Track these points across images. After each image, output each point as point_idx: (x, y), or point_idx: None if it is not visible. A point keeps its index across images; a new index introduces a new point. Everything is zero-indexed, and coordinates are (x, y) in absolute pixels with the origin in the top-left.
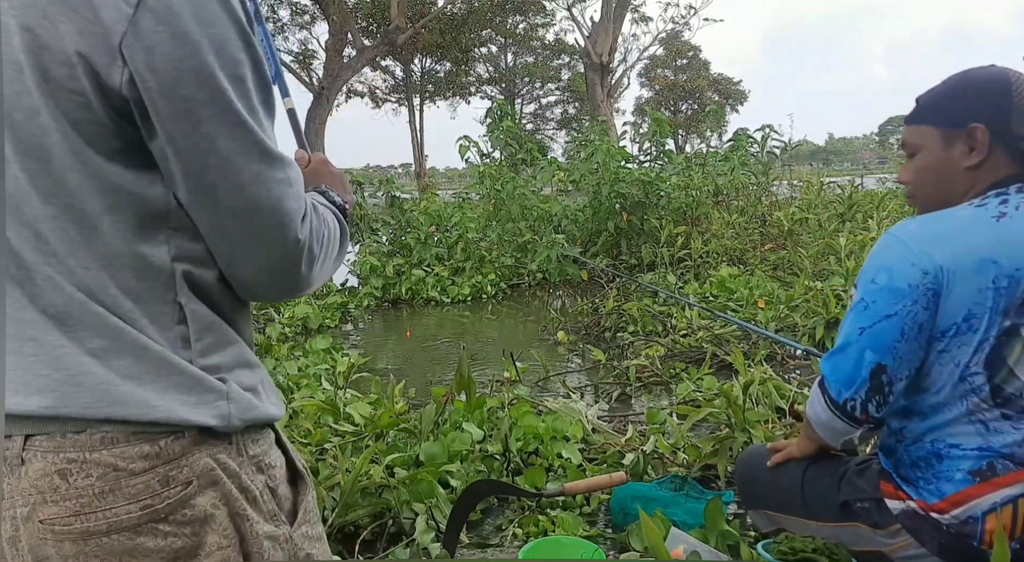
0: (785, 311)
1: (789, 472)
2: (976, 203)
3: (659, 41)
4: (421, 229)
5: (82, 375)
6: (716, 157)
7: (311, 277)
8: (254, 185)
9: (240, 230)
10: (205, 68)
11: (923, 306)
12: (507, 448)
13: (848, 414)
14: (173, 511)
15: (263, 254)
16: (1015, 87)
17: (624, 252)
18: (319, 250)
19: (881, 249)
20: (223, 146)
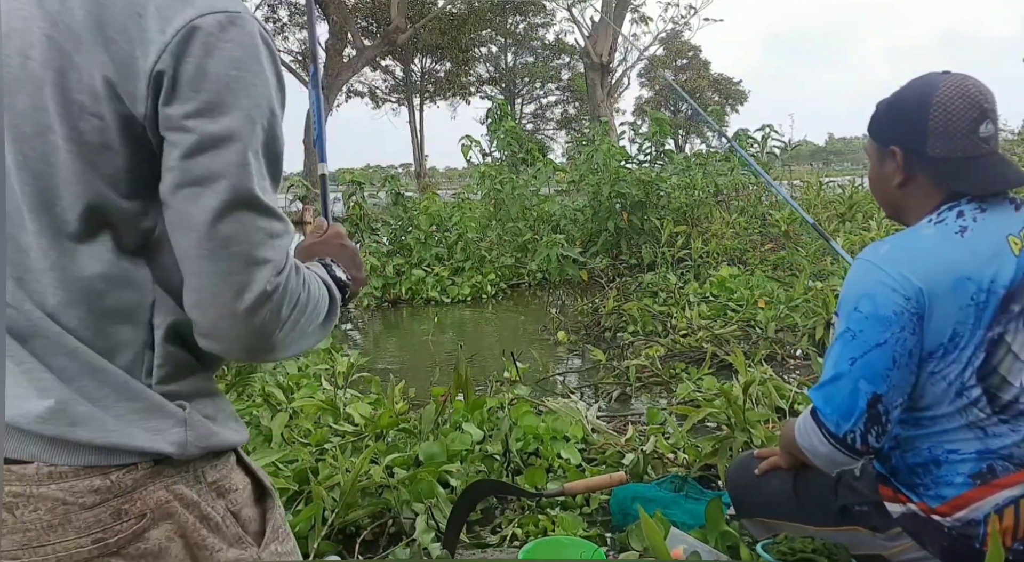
0: (785, 311)
1: (781, 478)
2: (935, 220)
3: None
4: (421, 229)
5: (42, 391)
6: (716, 157)
7: (275, 338)
8: (234, 223)
9: (208, 265)
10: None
11: (910, 331)
12: (507, 448)
13: (848, 447)
14: (126, 545)
15: (226, 297)
16: (935, 108)
17: (624, 252)
18: (288, 312)
19: (859, 275)
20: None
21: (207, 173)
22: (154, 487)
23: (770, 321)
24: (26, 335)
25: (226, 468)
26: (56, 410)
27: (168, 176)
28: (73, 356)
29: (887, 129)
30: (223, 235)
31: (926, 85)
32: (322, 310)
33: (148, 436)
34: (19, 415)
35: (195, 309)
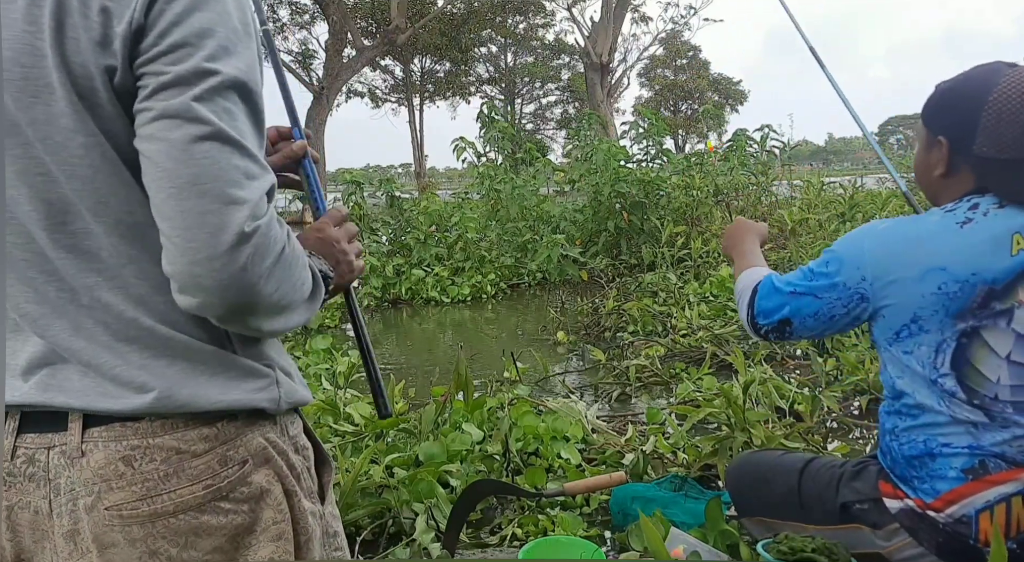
0: None
1: (783, 477)
2: (948, 208)
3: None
4: (421, 229)
5: (140, 389)
6: (715, 156)
7: (259, 290)
8: (205, 159)
9: (178, 205)
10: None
11: (843, 304)
12: (507, 448)
13: (756, 329)
14: (233, 489)
15: (200, 239)
16: (990, 105)
17: (624, 252)
18: (272, 261)
19: (851, 237)
20: (184, 122)
21: (171, 109)
22: (252, 435)
23: None
24: (122, 335)
25: (299, 427)
26: (159, 400)
27: (137, 119)
28: (167, 344)
29: (938, 117)
30: (193, 171)
31: (987, 78)
32: (307, 279)
33: (248, 395)
34: (126, 412)
35: (170, 260)
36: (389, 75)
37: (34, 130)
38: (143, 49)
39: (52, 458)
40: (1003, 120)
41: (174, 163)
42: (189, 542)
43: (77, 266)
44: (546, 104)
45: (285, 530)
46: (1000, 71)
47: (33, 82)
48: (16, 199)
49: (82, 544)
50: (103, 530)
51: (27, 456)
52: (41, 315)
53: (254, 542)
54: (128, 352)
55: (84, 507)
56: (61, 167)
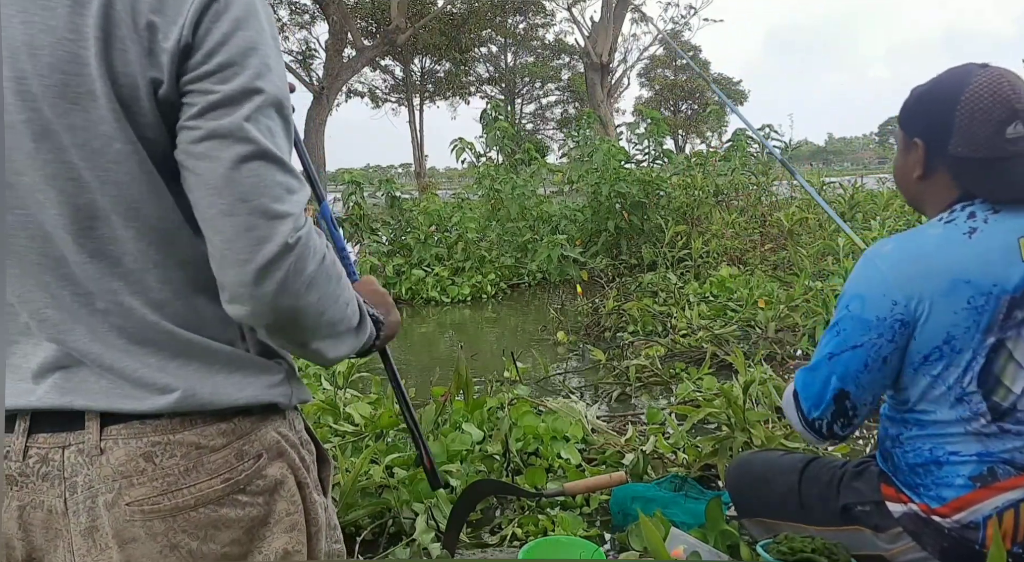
0: (785, 311)
1: (784, 477)
2: (945, 218)
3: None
4: (421, 229)
5: (163, 390)
6: (715, 156)
7: (303, 301)
8: (252, 177)
9: (228, 221)
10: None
11: (888, 339)
12: (507, 448)
13: (816, 431)
14: (249, 482)
15: (248, 252)
16: (962, 105)
17: (624, 252)
18: (313, 268)
19: (859, 273)
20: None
21: (222, 129)
22: (266, 429)
23: (770, 321)
24: (139, 338)
25: (302, 423)
26: (183, 399)
27: (183, 135)
28: (186, 346)
29: (914, 120)
30: (242, 189)
31: (959, 79)
32: (351, 300)
33: (264, 390)
34: (150, 412)
35: (220, 271)
36: (389, 75)
37: (71, 136)
38: (191, 66)
39: (68, 457)
40: (976, 119)
41: (224, 181)
42: (208, 535)
43: (99, 271)
44: (546, 104)
45: (298, 521)
46: (972, 72)
47: (74, 89)
48: (42, 203)
49: (101, 541)
50: (124, 525)
51: (40, 456)
52: (60, 320)
53: (268, 534)
54: (146, 355)
55: (104, 504)
56: (95, 172)
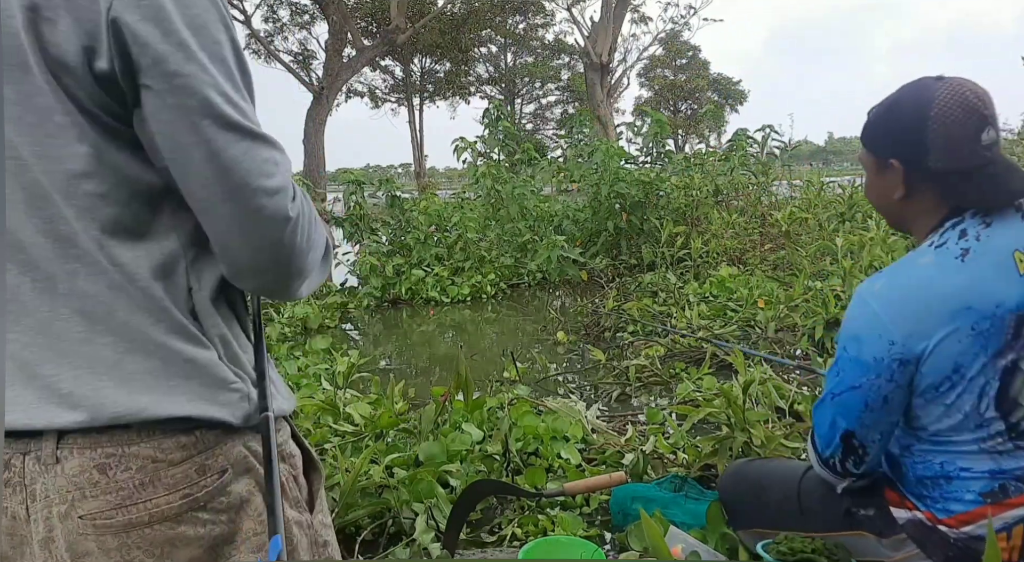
0: (785, 311)
1: (781, 484)
2: (936, 242)
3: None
4: (421, 229)
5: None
6: (714, 156)
7: (304, 264)
8: (246, 162)
9: (230, 207)
10: (187, 48)
11: (887, 378)
12: (507, 448)
13: (831, 469)
14: (211, 499)
15: (255, 231)
16: (933, 120)
17: (624, 252)
18: (310, 234)
19: (853, 312)
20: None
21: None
22: (233, 443)
23: (770, 321)
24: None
25: (285, 434)
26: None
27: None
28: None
29: (884, 142)
30: (239, 175)
31: (921, 94)
32: (325, 242)
33: (217, 408)
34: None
35: (231, 254)
36: (389, 75)
37: (9, 109)
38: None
39: (28, 463)
40: (951, 132)
41: (218, 172)
42: (165, 553)
43: (55, 252)
44: (546, 104)
45: (265, 542)
46: (931, 86)
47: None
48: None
49: (56, 552)
50: (76, 539)
51: (4, 461)
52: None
53: (233, 553)
54: (104, 342)
55: (58, 515)
56: (33, 148)
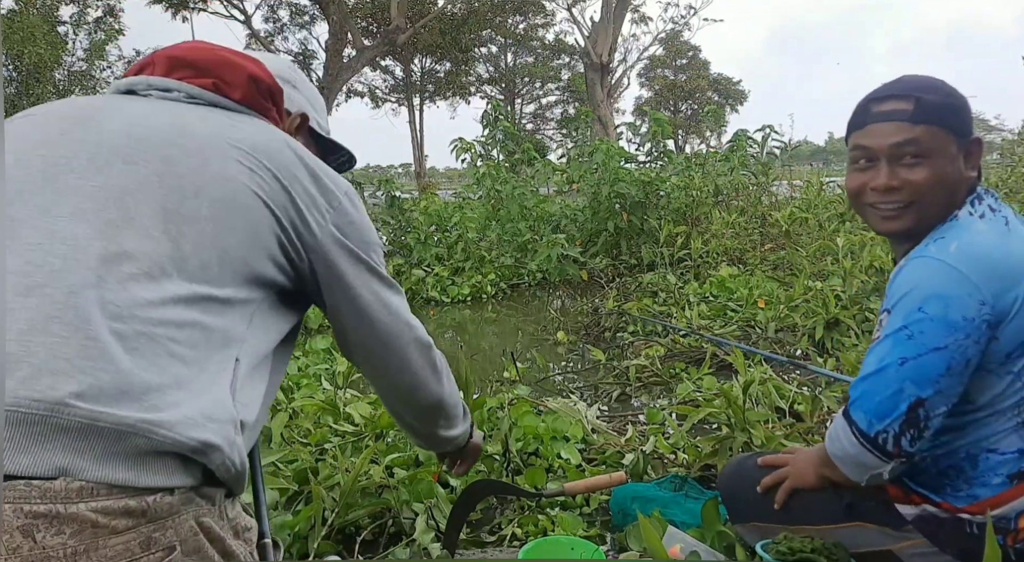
0: (785, 311)
1: None
2: (974, 213)
3: (659, 41)
4: (421, 229)
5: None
6: (715, 157)
7: (441, 384)
8: (390, 305)
9: (385, 337)
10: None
11: (975, 340)
12: (507, 448)
13: (879, 447)
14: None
15: (404, 351)
16: (963, 98)
17: (624, 252)
18: (443, 367)
19: (928, 274)
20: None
21: (378, 288)
22: (185, 516)
23: (770, 321)
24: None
25: (238, 506)
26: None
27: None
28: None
29: (966, 117)
30: (402, 321)
31: (938, 80)
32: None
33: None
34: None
35: (399, 386)
36: (389, 75)
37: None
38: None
39: None
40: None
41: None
42: None
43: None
44: (546, 104)
45: None
46: (923, 77)
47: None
48: None
49: None
50: None
51: None
52: None
53: None
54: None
55: None
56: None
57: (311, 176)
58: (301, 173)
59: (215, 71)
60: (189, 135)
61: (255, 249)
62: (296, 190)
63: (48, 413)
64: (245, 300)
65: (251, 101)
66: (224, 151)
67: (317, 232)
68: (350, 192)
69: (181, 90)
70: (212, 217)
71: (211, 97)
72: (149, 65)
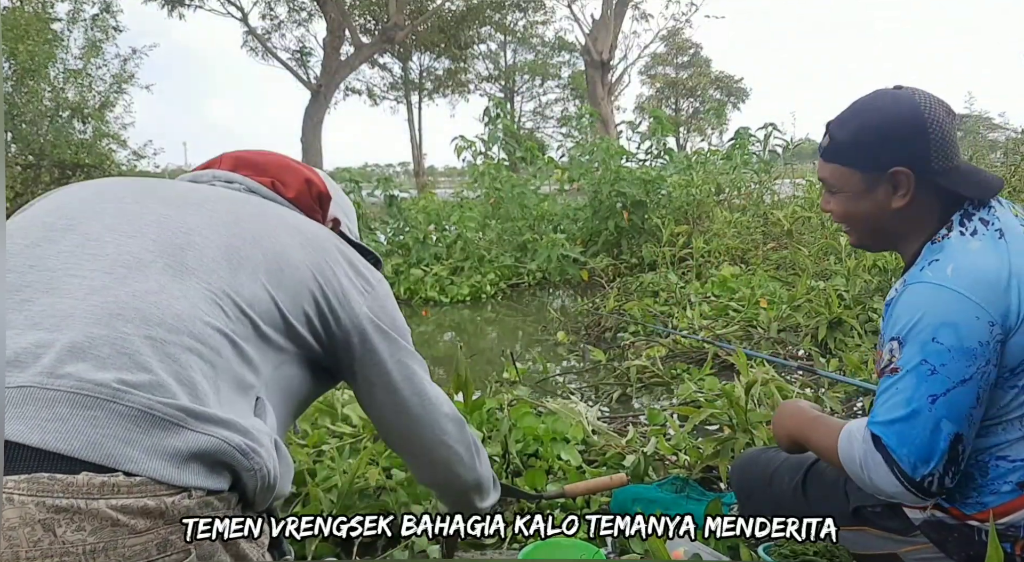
0: (787, 311)
1: (788, 476)
2: (965, 232)
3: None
4: (420, 228)
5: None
6: (717, 155)
7: (474, 458)
8: (421, 383)
9: (418, 411)
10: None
11: (994, 363)
12: (506, 449)
13: (924, 490)
14: None
15: (438, 424)
16: (930, 122)
17: (625, 251)
18: (478, 444)
19: (932, 301)
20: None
21: (407, 372)
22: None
23: (772, 321)
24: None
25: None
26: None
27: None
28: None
29: (882, 153)
30: (433, 397)
31: (902, 101)
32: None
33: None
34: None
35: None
36: (387, 73)
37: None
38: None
39: None
40: (944, 131)
41: (420, 399)
42: None
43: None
44: (546, 102)
45: None
46: (903, 94)
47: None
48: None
49: None
50: None
51: None
52: None
53: None
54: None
55: None
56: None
57: (349, 263)
58: (342, 258)
59: (273, 172)
60: (249, 204)
61: (296, 307)
62: (338, 270)
63: (109, 398)
64: (279, 347)
65: (302, 202)
66: (278, 225)
67: (355, 307)
68: (384, 283)
69: (243, 184)
70: (265, 263)
71: (267, 192)
72: (216, 163)
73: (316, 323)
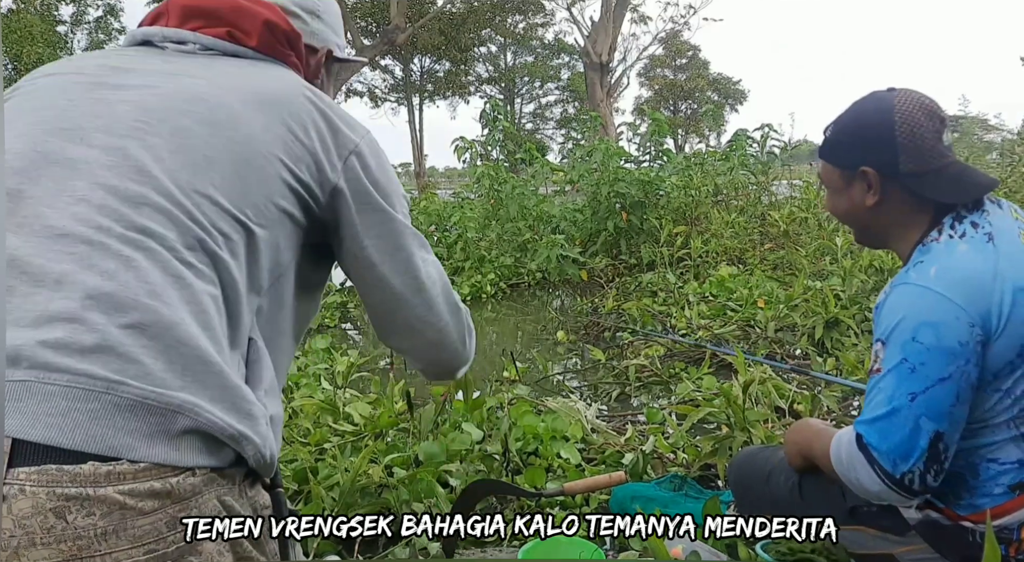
0: (784, 311)
1: (785, 475)
2: (954, 234)
3: (659, 41)
4: (420, 229)
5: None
6: (715, 156)
7: (467, 343)
8: (411, 259)
9: (420, 291)
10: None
11: (975, 363)
12: (506, 448)
13: (905, 488)
14: (180, 557)
15: (442, 312)
16: (899, 125)
17: (624, 252)
18: (468, 328)
19: (913, 302)
20: (406, 236)
21: (393, 246)
22: (208, 496)
23: (769, 320)
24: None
25: (257, 484)
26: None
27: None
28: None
29: (853, 151)
30: (424, 269)
31: (880, 102)
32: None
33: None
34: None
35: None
36: (388, 75)
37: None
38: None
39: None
40: (916, 134)
41: (429, 284)
42: None
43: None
44: (545, 104)
45: None
46: (887, 95)
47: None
48: None
49: None
50: None
51: None
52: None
53: None
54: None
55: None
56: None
57: (328, 125)
58: (319, 122)
59: (229, 18)
60: (201, 100)
61: (271, 192)
62: (312, 139)
63: (104, 390)
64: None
65: (268, 48)
66: (237, 112)
67: (330, 176)
68: (368, 138)
69: (196, 42)
70: (232, 173)
71: (224, 46)
72: (163, 14)
73: (298, 215)
